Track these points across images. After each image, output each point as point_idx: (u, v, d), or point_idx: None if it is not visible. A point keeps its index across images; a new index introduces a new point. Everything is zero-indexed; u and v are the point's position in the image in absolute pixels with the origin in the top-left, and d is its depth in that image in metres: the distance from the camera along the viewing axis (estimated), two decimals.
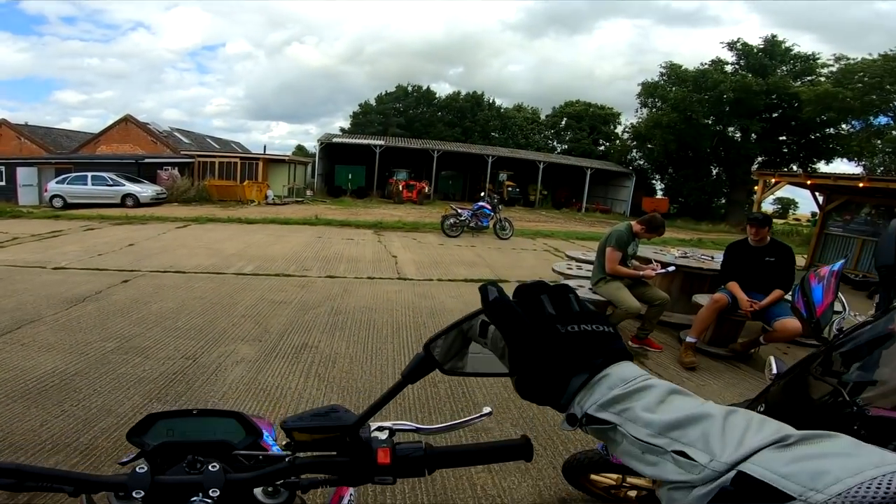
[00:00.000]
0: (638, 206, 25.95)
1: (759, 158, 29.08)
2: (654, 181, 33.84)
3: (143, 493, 0.55)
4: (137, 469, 0.57)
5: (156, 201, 16.81)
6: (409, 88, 39.51)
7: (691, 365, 3.71)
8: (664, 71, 30.34)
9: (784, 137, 28.63)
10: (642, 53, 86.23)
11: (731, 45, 29.56)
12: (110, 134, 25.30)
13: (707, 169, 31.28)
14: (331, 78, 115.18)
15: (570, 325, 0.47)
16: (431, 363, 0.56)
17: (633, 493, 1.85)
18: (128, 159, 20.70)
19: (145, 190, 16.85)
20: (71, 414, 2.49)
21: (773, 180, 11.76)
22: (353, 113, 40.11)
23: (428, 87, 39.95)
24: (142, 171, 19.51)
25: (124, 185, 16.71)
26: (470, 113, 38.42)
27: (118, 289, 5.04)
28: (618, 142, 35.68)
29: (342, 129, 39.23)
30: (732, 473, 0.35)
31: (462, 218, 11.83)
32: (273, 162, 23.91)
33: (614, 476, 1.84)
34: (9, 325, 3.71)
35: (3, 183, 19.14)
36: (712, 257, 5.07)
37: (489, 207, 12.03)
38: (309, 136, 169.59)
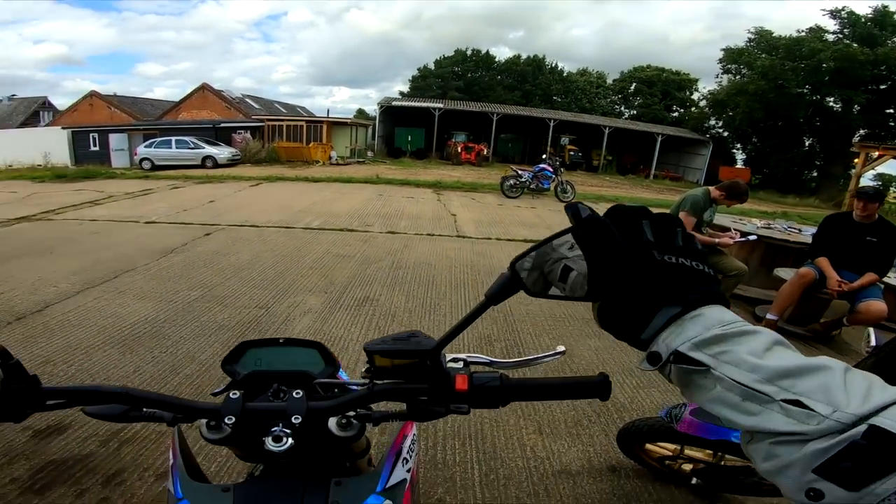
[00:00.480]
0: (714, 176, 24.30)
1: (861, 131, 26.35)
2: (734, 150, 31.85)
3: (233, 419, 0.57)
4: (231, 395, 0.59)
5: (231, 162, 17.89)
6: (468, 52, 38.78)
7: None
8: (752, 37, 28.36)
9: (892, 110, 25.91)
10: (726, 19, 77.31)
11: (835, 14, 26.73)
12: (190, 101, 26.99)
13: (798, 140, 28.78)
14: (390, 44, 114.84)
15: (667, 256, 0.43)
16: (517, 283, 0.53)
17: (688, 467, 1.76)
18: (206, 124, 22.04)
19: (222, 152, 17.99)
20: (160, 360, 2.67)
21: (877, 153, 10.39)
22: (412, 77, 40.10)
23: (487, 52, 39.08)
24: (218, 134, 20.73)
25: (204, 147, 17.92)
26: (531, 77, 37.39)
27: (201, 241, 5.45)
28: (694, 109, 33.83)
29: (401, 93, 39.43)
30: (863, 427, 0.32)
31: (522, 179, 11.57)
32: (336, 125, 24.62)
33: (671, 447, 1.76)
34: (108, 274, 4.12)
35: (97, 148, 21.15)
36: (800, 230, 4.61)
37: (550, 170, 11.68)
38: (369, 100, 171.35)
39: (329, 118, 25.16)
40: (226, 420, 0.57)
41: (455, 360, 0.63)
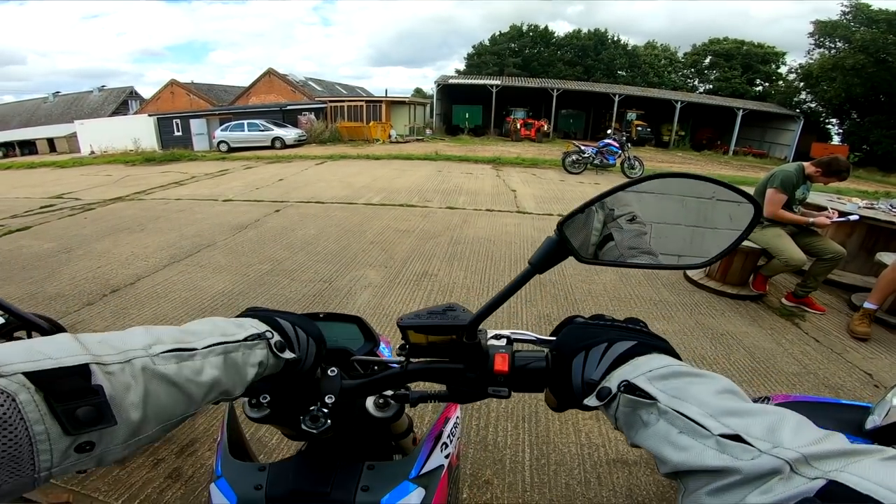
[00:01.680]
0: (805, 153, 22.07)
1: None
2: (828, 126, 29.02)
3: (268, 398, 0.56)
4: None
5: (297, 143, 18.67)
6: (525, 28, 37.49)
7: (864, 336, 3.04)
8: (847, 10, 25.69)
9: None
10: None
11: None
12: (258, 86, 28.33)
13: None
14: (444, 22, 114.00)
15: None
16: (565, 249, 0.48)
17: None
18: (273, 107, 23.12)
19: (289, 133, 18.79)
20: None
21: None
22: (468, 55, 39.38)
23: (546, 27, 37.54)
24: (285, 117, 21.70)
25: (273, 129, 18.78)
26: (592, 51, 35.70)
27: (271, 217, 5.76)
28: (781, 83, 31.01)
29: (457, 71, 39.12)
30: (820, 482, 0.27)
31: (585, 155, 11.10)
32: (394, 104, 24.89)
33: None
34: (191, 248, 4.47)
35: (180, 133, 22.83)
36: None
37: (616, 145, 11.06)
38: (426, 79, 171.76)
39: (388, 98, 25.40)
40: (261, 398, 0.56)
41: (497, 336, 0.57)
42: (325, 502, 0.55)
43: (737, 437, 0.32)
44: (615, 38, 36.92)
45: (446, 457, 0.67)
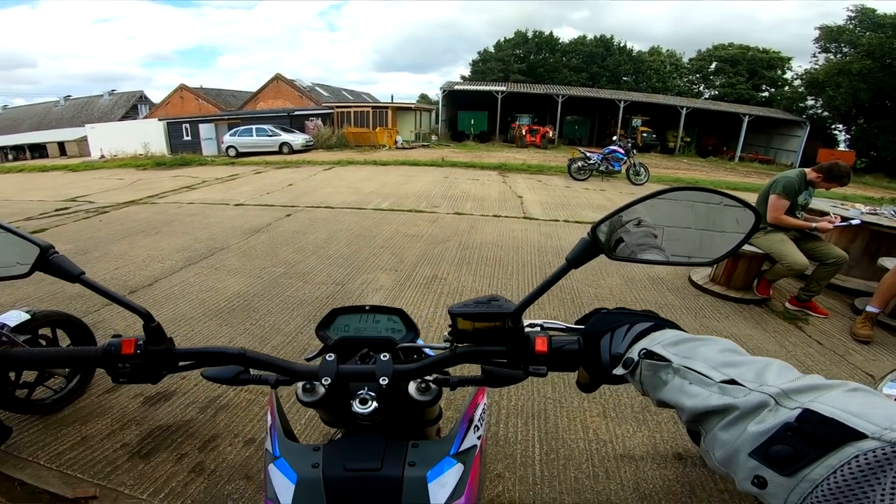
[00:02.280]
0: (811, 159, 22.10)
1: None
2: (835, 132, 29.08)
3: (329, 381, 0.60)
4: (327, 358, 0.63)
5: (305, 148, 18.87)
6: (530, 34, 37.83)
7: (866, 338, 3.11)
8: (853, 15, 25.87)
9: None
10: None
11: None
12: (266, 92, 28.61)
13: None
14: (449, 27, 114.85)
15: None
16: (597, 248, 0.57)
17: None
18: (281, 113, 23.32)
19: (297, 138, 19.02)
20: (251, 332, 2.90)
21: None
22: (473, 61, 39.77)
23: (550, 33, 37.91)
24: (292, 122, 21.92)
25: (281, 134, 19.02)
26: (598, 58, 35.93)
27: (283, 222, 5.86)
28: (786, 88, 30.99)
29: (462, 77, 39.48)
30: (798, 410, 0.35)
31: (591, 161, 11.16)
32: (400, 110, 25.14)
33: None
34: (205, 251, 4.57)
35: (189, 138, 23.13)
36: None
37: (622, 151, 11.11)
38: (431, 84, 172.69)
39: (393, 104, 25.63)
40: (322, 381, 0.60)
41: (532, 325, 0.66)
42: (377, 478, 0.60)
43: (733, 382, 0.41)
44: (621, 44, 37.07)
45: (478, 438, 0.73)
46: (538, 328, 0.66)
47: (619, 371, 0.54)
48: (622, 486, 1.75)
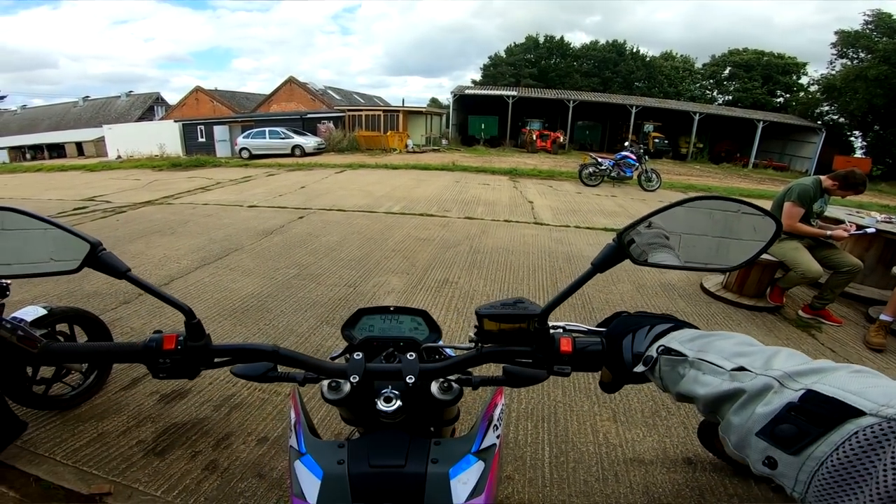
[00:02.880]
0: (827, 166, 21.68)
1: None
2: (852, 138, 28.58)
3: (357, 378, 0.61)
4: (355, 356, 0.65)
5: (317, 151, 19.04)
6: (541, 39, 37.97)
7: (880, 347, 3.08)
8: (869, 20, 25.54)
9: None
10: None
11: None
12: (279, 94, 28.96)
13: None
14: (461, 32, 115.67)
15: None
16: (622, 253, 0.59)
17: None
18: (294, 115, 23.64)
19: (309, 141, 19.19)
20: (265, 332, 2.94)
21: None
22: (484, 65, 39.88)
23: (562, 38, 38.04)
24: (305, 125, 22.13)
25: (293, 137, 19.19)
26: (610, 63, 35.93)
27: (296, 224, 5.93)
28: (802, 94, 30.73)
29: (473, 82, 39.49)
30: (801, 391, 0.37)
31: (602, 167, 11.13)
32: (411, 114, 25.32)
33: None
34: (220, 252, 4.63)
35: (203, 139, 23.50)
36: None
37: (633, 157, 11.05)
38: (442, 88, 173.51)
39: (404, 107, 25.78)
40: (351, 379, 0.61)
41: (555, 327, 0.68)
42: (401, 474, 0.62)
43: (742, 368, 0.44)
44: (634, 50, 37.00)
45: (497, 437, 0.74)
46: (560, 330, 0.68)
47: (639, 368, 0.57)
48: (631, 490, 1.76)
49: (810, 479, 0.34)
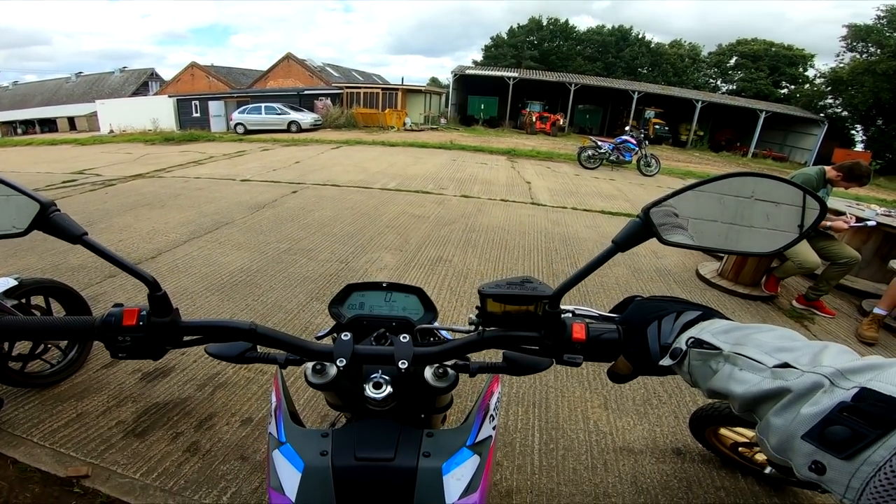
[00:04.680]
0: (826, 158, 21.70)
1: None
2: (853, 132, 28.55)
3: (345, 362, 0.55)
4: (343, 336, 0.58)
5: (313, 127, 18.81)
6: (544, 21, 37.32)
7: (872, 340, 3.05)
8: (883, 14, 25.21)
9: None
10: None
11: None
12: (276, 70, 28.40)
13: None
14: (466, 13, 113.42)
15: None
16: (648, 230, 0.52)
17: (763, 456, 1.65)
18: (291, 92, 23.24)
19: (305, 117, 18.93)
20: (252, 308, 2.87)
21: None
22: (486, 46, 39.42)
23: (566, 21, 37.36)
24: (302, 101, 21.84)
25: (289, 113, 18.94)
26: (614, 48, 35.56)
27: (289, 198, 5.82)
28: (807, 86, 30.56)
29: (474, 62, 39.08)
30: (855, 389, 0.33)
31: (601, 150, 11.01)
32: (410, 92, 24.92)
33: (750, 434, 1.65)
34: (210, 226, 4.54)
35: (198, 115, 23.16)
36: None
37: (633, 142, 10.93)
38: (444, 69, 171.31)
39: (404, 86, 25.33)
40: (337, 362, 0.55)
41: (563, 311, 0.60)
42: (390, 468, 0.56)
43: (786, 365, 0.38)
44: (640, 36, 36.47)
45: (493, 428, 0.69)
46: (570, 314, 0.60)
47: (665, 361, 0.51)
48: (620, 480, 1.72)
49: (864, 486, 0.30)
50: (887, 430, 0.30)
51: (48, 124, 27.68)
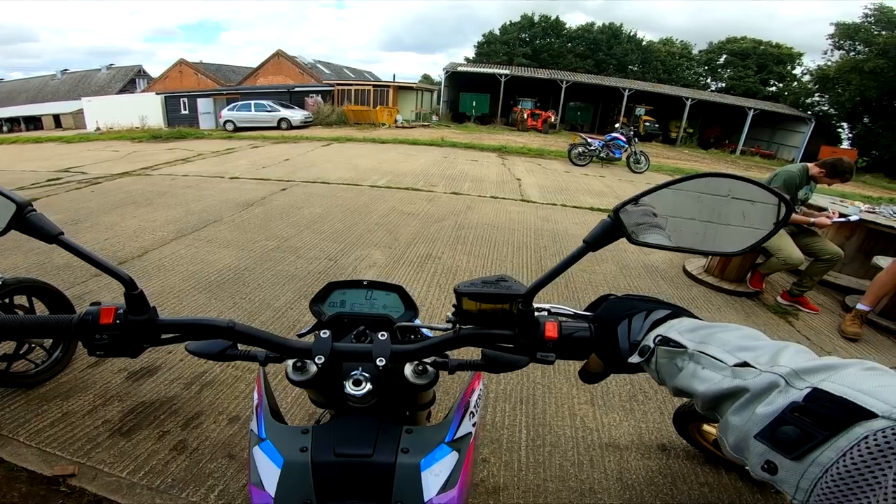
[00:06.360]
0: (813, 156, 21.97)
1: None
2: (840, 129, 29.01)
3: (323, 360, 0.56)
4: (321, 334, 0.59)
5: (304, 124, 18.69)
6: (536, 18, 37.37)
7: (855, 336, 3.10)
8: (869, 13, 25.54)
9: None
10: None
11: None
12: (266, 67, 28.17)
13: None
14: (460, 9, 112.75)
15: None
16: (618, 230, 0.52)
17: None
18: (281, 89, 23.07)
19: (296, 114, 18.81)
20: (240, 307, 2.85)
21: None
22: (478, 43, 39.42)
23: (557, 18, 37.44)
24: (292, 98, 21.69)
25: (279, 110, 18.79)
26: (605, 45, 35.68)
27: (278, 196, 5.79)
28: (795, 84, 30.99)
29: (467, 59, 39.11)
30: (807, 390, 0.33)
31: (592, 147, 11.06)
32: (402, 89, 24.88)
33: None
34: (198, 224, 4.50)
35: (187, 112, 22.83)
36: None
37: (623, 139, 11.03)
38: (436, 66, 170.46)
39: (395, 83, 25.27)
40: (316, 360, 0.56)
41: (539, 309, 0.61)
42: (368, 464, 0.57)
43: (746, 364, 0.39)
44: (631, 33, 36.63)
45: (473, 425, 0.69)
46: (545, 313, 0.61)
47: (634, 359, 0.52)
48: (606, 476, 1.74)
49: (813, 487, 0.31)
50: (835, 431, 0.30)
51: (33, 122, 27.18)
